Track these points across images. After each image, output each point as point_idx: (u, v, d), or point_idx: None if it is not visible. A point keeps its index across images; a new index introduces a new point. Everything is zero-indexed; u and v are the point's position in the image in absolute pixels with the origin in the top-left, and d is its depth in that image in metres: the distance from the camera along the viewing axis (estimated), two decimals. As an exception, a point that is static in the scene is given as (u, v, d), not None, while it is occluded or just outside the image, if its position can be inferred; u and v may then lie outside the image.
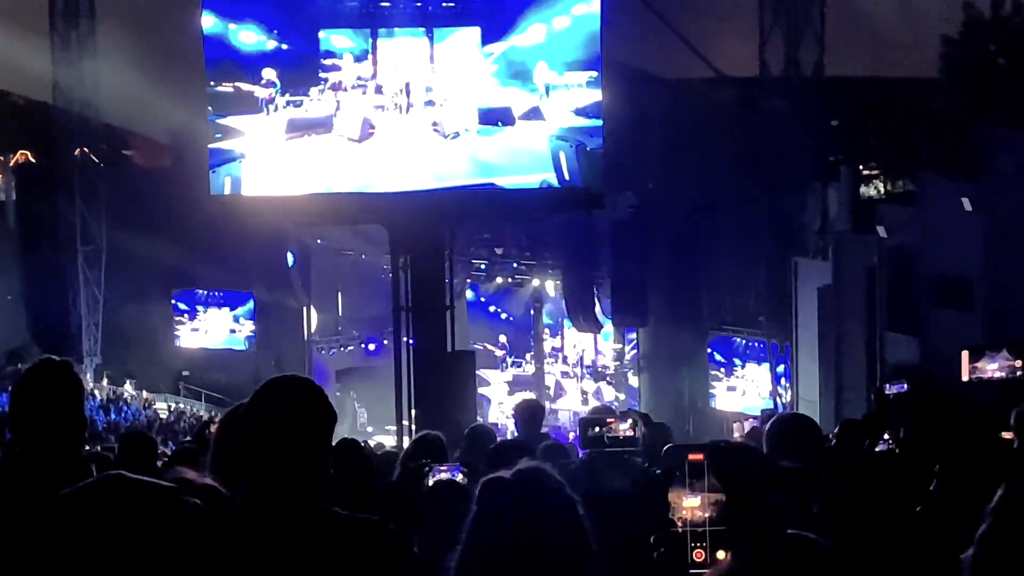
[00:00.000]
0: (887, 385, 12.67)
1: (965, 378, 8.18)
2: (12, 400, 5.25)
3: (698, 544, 3.46)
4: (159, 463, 10.39)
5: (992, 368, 7.97)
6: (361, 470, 9.57)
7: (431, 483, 8.41)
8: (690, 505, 3.48)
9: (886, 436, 10.95)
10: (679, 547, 3.44)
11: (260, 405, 4.19)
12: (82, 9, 39.49)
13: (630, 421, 7.56)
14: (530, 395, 30.93)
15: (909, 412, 11.45)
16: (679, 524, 3.47)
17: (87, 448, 13.21)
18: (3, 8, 36.76)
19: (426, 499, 8.35)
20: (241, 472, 4.19)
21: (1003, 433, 8.89)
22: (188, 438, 20.42)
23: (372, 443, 26.40)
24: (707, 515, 3.46)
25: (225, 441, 5.37)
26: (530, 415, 12.06)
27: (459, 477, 8.30)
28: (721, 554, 3.45)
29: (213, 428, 11.29)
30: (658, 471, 8.42)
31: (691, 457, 3.53)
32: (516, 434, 12.92)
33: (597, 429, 7.59)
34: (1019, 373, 8.11)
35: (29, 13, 39.13)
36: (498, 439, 11.50)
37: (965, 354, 8.00)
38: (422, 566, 4.57)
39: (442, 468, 8.57)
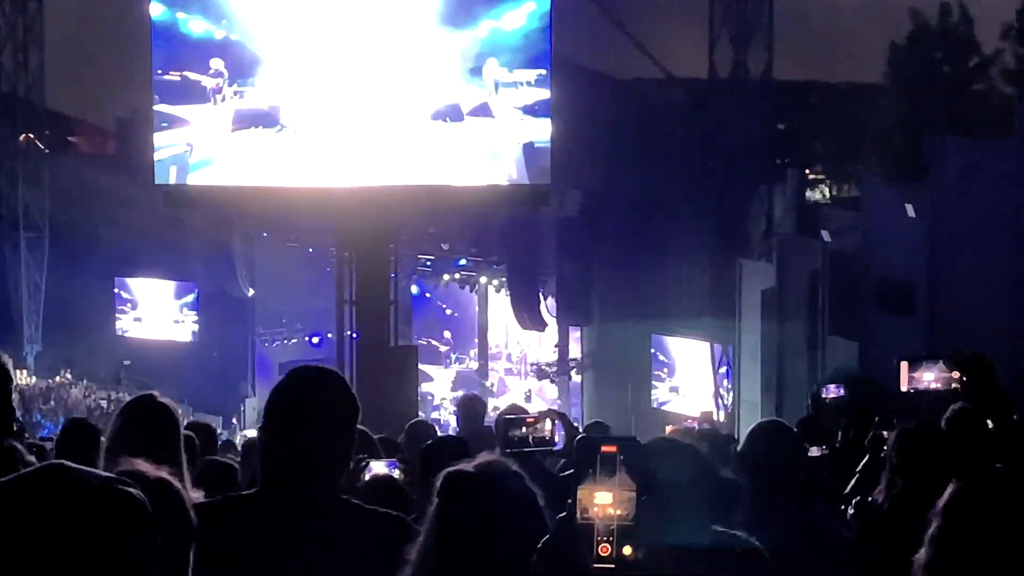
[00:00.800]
0: (823, 389, 12.79)
1: (904, 388, 8.27)
2: None
3: (605, 539, 3.46)
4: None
5: (929, 379, 8.05)
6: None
7: (367, 478, 8.39)
8: (601, 501, 3.48)
9: (839, 437, 11.07)
10: (586, 539, 3.45)
11: (284, 394, 4.19)
12: (27, -7, 39.22)
13: (548, 421, 7.56)
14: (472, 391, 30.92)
15: (845, 416, 11.56)
16: (588, 518, 3.48)
17: (24, 438, 13.07)
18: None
19: (362, 494, 8.34)
20: (263, 459, 4.20)
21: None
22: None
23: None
24: (618, 511, 3.46)
25: (127, 428, 5.35)
26: (471, 410, 12.05)
27: (396, 472, 8.28)
28: (628, 550, 3.45)
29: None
30: (567, 473, 8.43)
31: (604, 449, 3.52)
32: (458, 429, 12.90)
33: (523, 430, 7.57)
34: (955, 385, 8.20)
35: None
36: (439, 434, 11.49)
37: (904, 364, 8.08)
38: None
39: (379, 463, 8.56)
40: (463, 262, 41.86)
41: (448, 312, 44.80)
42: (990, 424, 7.13)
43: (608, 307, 35.95)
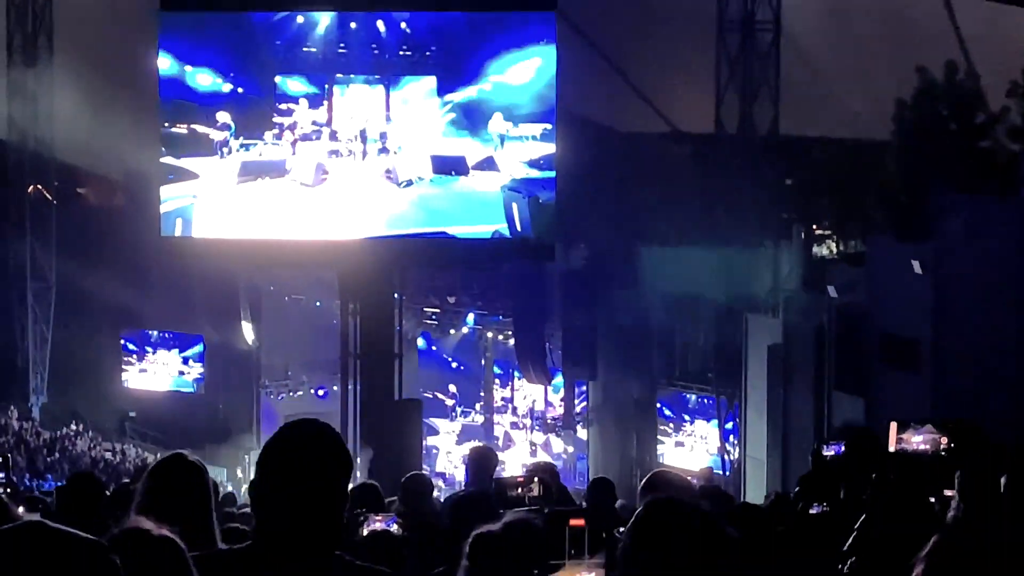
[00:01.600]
0: (824, 446, 12.73)
1: (891, 448, 8.25)
2: None
3: None
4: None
5: (917, 441, 8.03)
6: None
7: (366, 532, 8.37)
8: None
9: (823, 505, 11.00)
10: None
11: (274, 450, 4.15)
12: (39, 46, 39.40)
13: (536, 480, 7.54)
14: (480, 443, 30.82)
15: (846, 474, 11.49)
16: None
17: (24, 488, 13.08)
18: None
19: (360, 548, 8.31)
20: (256, 514, 4.16)
21: (945, 491, 8.91)
22: (127, 480, 20.16)
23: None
24: None
25: (156, 491, 5.34)
26: (482, 462, 11.97)
27: (394, 528, 8.26)
28: None
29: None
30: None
31: (572, 523, 3.49)
32: (464, 482, 12.83)
33: (518, 491, 7.55)
34: (943, 449, 8.18)
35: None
36: (443, 488, 11.46)
37: (893, 425, 8.08)
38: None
39: (377, 518, 8.54)
40: (471, 318, 41.86)
41: (454, 365, 44.69)
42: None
43: (614, 361, 35.88)
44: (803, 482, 12.55)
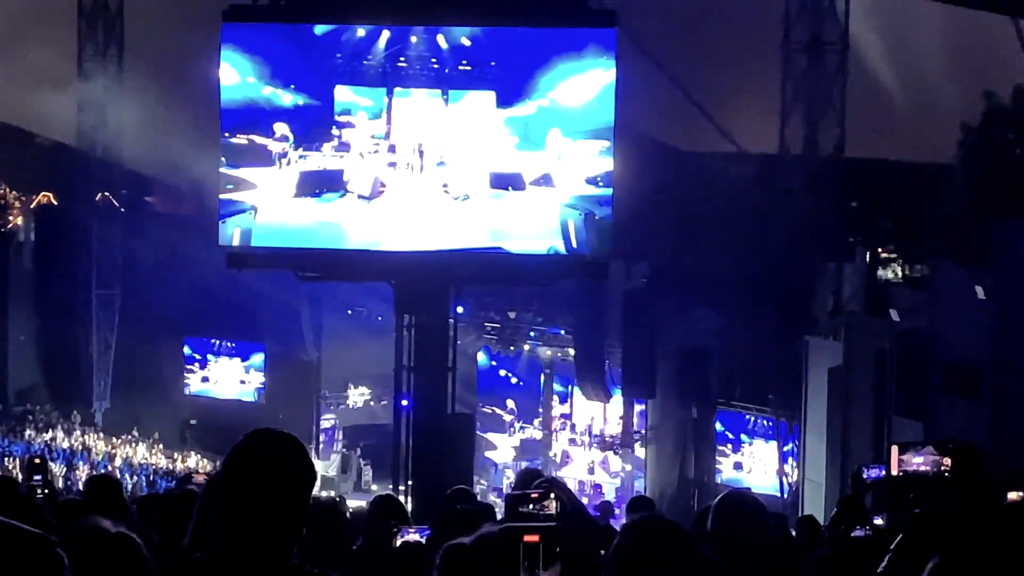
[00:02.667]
0: (864, 468, 12.59)
1: (894, 472, 8.18)
2: None
3: None
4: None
5: (918, 462, 7.94)
6: (336, 529, 9.53)
7: (399, 544, 8.36)
8: None
9: (877, 520, 10.88)
10: None
11: (241, 458, 4.14)
12: (108, 55, 39.85)
13: (552, 496, 7.45)
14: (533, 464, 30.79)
15: (889, 497, 11.37)
16: None
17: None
18: (32, 53, 37.07)
19: (392, 559, 8.30)
20: (215, 524, 4.14)
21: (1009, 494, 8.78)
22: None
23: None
24: None
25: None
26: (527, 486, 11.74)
27: (426, 540, 8.24)
28: None
29: (196, 477, 11.26)
30: None
31: (527, 539, 3.42)
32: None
33: (529, 507, 7.47)
34: (944, 470, 8.10)
35: (57, 58, 39.46)
36: (499, 504, 11.40)
37: (895, 448, 8.00)
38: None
39: (411, 530, 8.53)
40: (532, 334, 41.83)
41: (514, 381, 44.65)
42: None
43: (673, 381, 35.71)
44: (842, 504, 12.44)
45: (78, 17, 40.02)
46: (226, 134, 25.05)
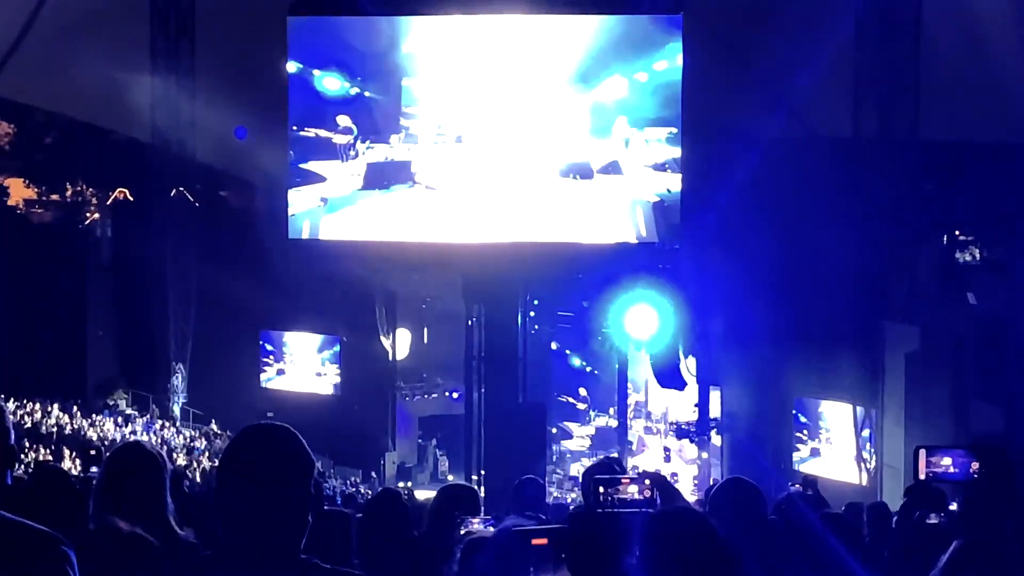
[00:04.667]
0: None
1: (922, 476, 8.05)
2: None
3: None
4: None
5: (947, 464, 7.78)
6: (398, 520, 9.53)
7: (463, 533, 8.33)
8: None
9: (952, 506, 10.74)
10: None
11: (237, 453, 4.15)
12: (181, 51, 40.15)
13: (647, 483, 7.28)
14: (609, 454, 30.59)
15: (963, 485, 11.20)
16: None
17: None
18: (106, 50, 37.39)
19: (458, 551, 8.26)
20: (218, 519, 4.13)
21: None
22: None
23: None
24: None
25: (114, 475, 5.43)
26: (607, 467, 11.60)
27: (491, 530, 8.19)
28: None
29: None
30: None
31: (535, 542, 3.36)
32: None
33: (614, 489, 7.35)
34: (973, 473, 7.95)
35: (131, 53, 39.81)
36: (577, 494, 11.33)
37: (922, 452, 7.85)
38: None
39: (474, 521, 8.50)
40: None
41: (588, 369, 44.60)
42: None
43: (748, 368, 35.49)
44: (910, 491, 12.28)
45: (150, 12, 40.36)
46: (294, 127, 25.16)
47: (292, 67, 25.15)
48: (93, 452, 10.98)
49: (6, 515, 2.99)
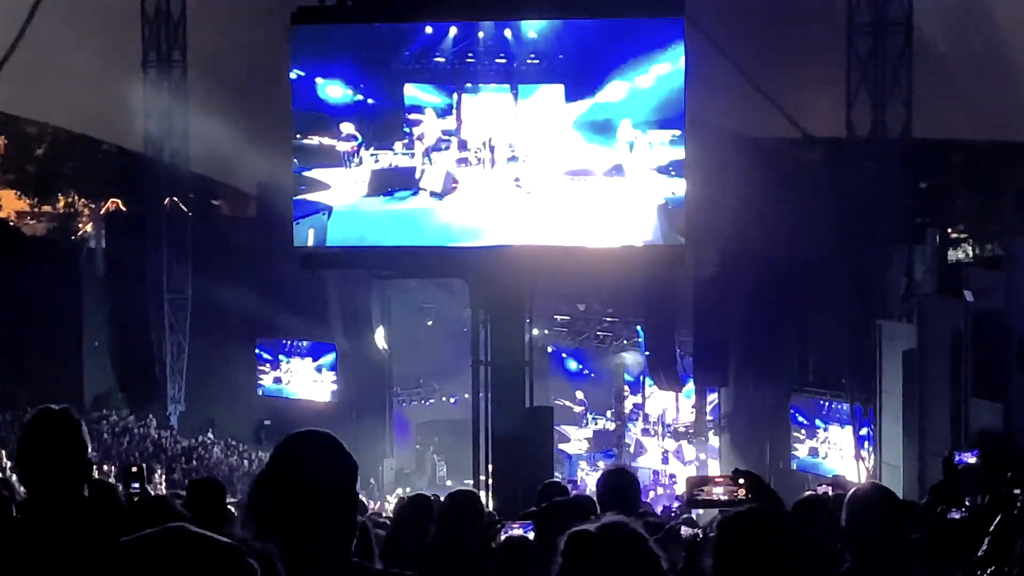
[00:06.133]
0: (956, 454, 12.57)
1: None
2: (19, 448, 5.49)
3: None
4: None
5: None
6: (425, 524, 9.58)
7: (503, 539, 8.39)
8: None
9: (967, 502, 10.87)
10: None
11: (285, 461, 4.18)
12: (174, 60, 40.14)
13: (741, 482, 7.32)
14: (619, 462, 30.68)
15: (981, 482, 11.36)
16: None
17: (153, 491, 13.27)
18: (97, 58, 37.34)
19: (496, 554, 8.32)
20: (269, 528, 4.09)
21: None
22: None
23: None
24: None
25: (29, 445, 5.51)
26: (618, 487, 11.27)
27: (531, 535, 8.26)
28: None
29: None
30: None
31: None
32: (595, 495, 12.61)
33: (713, 489, 7.42)
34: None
35: (122, 63, 39.76)
36: (573, 494, 11.31)
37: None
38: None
39: (515, 525, 8.56)
40: (603, 325, 41.75)
41: (585, 372, 44.69)
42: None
43: (746, 367, 35.64)
44: (934, 491, 12.39)
45: (141, 23, 40.32)
46: (297, 135, 25.16)
47: (294, 75, 25.15)
48: (135, 469, 11.06)
49: (192, 528, 3.05)
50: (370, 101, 24.98)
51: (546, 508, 9.00)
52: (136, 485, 10.61)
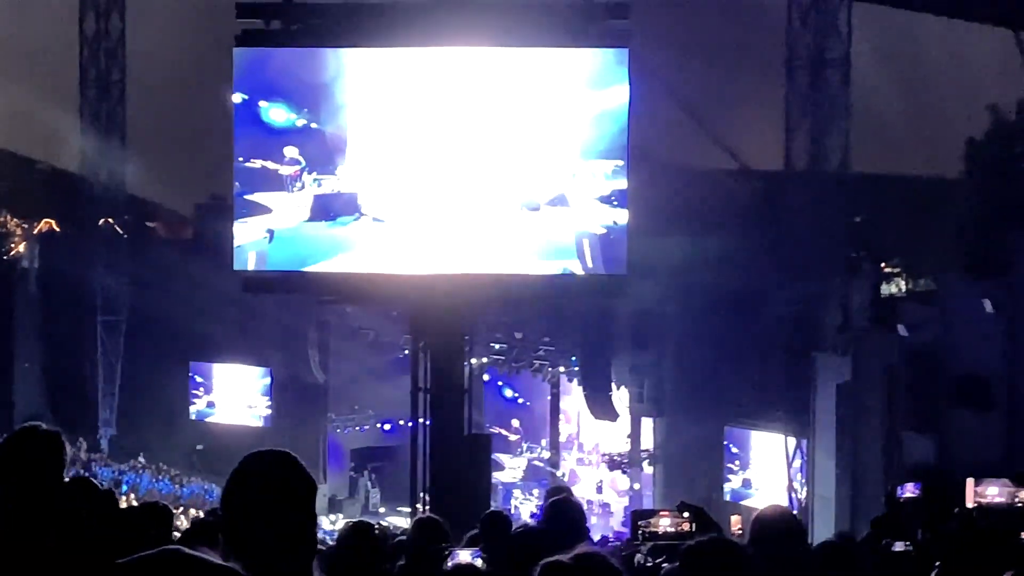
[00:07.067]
0: (899, 488, 12.70)
1: (969, 504, 8.26)
2: None
3: None
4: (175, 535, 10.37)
5: (993, 493, 7.99)
6: (372, 554, 9.55)
7: (451, 565, 8.39)
8: None
9: (907, 544, 10.97)
10: None
11: (243, 481, 4.14)
12: (112, 81, 39.92)
13: (686, 516, 7.40)
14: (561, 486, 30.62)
15: (922, 516, 11.48)
16: None
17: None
18: (34, 78, 37.14)
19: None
20: (230, 551, 4.07)
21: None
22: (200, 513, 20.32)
23: (384, 524, 26.35)
24: None
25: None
26: (561, 512, 11.29)
27: (478, 562, 8.27)
28: None
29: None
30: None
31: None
32: (532, 523, 12.63)
33: (654, 521, 7.48)
34: (1018, 502, 8.15)
35: (60, 83, 39.54)
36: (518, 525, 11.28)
37: (970, 481, 8.07)
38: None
39: (461, 551, 8.56)
40: (539, 354, 41.77)
41: (520, 401, 44.69)
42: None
43: (681, 398, 35.80)
44: (877, 523, 12.48)
45: (80, 43, 40.09)
46: (239, 158, 25.01)
47: (238, 98, 25.01)
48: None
49: (187, 551, 3.04)
50: (314, 125, 24.86)
51: (498, 537, 9.00)
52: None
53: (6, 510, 5.35)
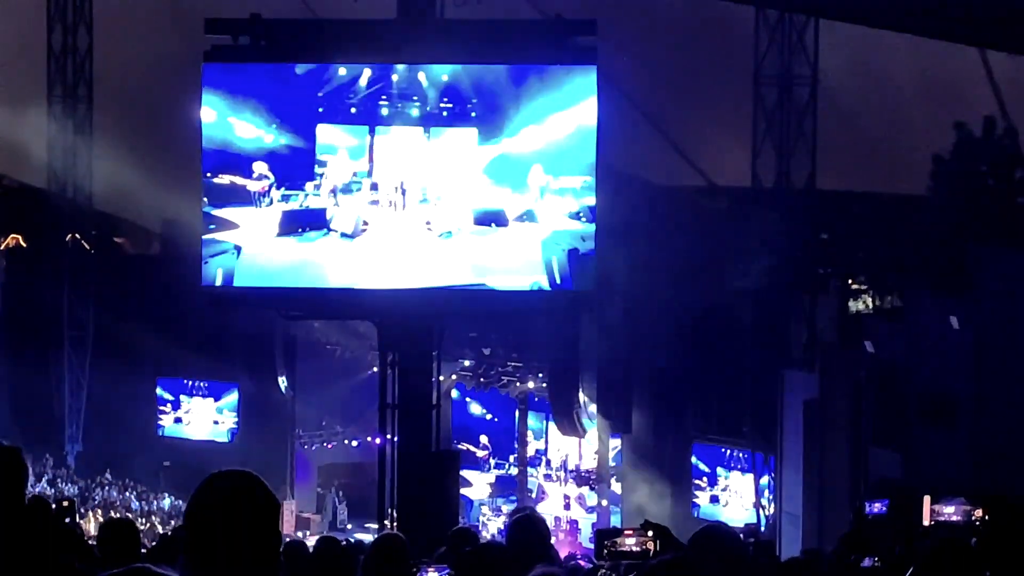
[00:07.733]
0: (867, 504, 12.76)
1: (926, 522, 8.33)
2: None
3: None
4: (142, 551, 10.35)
5: (949, 512, 8.05)
6: (339, 571, 9.53)
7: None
8: None
9: (875, 560, 11.01)
10: None
11: (206, 501, 4.10)
12: (79, 96, 39.80)
13: (650, 535, 7.43)
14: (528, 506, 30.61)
15: (890, 532, 11.53)
16: None
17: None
18: (1, 92, 36.97)
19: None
20: (192, 570, 4.06)
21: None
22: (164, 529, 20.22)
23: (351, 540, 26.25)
24: None
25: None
26: (528, 533, 11.15)
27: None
28: None
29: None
30: None
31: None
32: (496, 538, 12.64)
33: (618, 540, 7.49)
34: (976, 521, 8.21)
35: (27, 98, 39.37)
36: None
37: (927, 499, 8.12)
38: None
39: (430, 569, 8.57)
40: (507, 370, 41.68)
41: (488, 417, 44.60)
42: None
43: (649, 415, 35.79)
44: (846, 540, 12.54)
45: (47, 58, 39.97)
46: (208, 174, 24.98)
47: (207, 113, 24.99)
48: (66, 504, 11.05)
49: (155, 568, 3.02)
50: (283, 141, 24.87)
51: (464, 554, 8.97)
52: (68, 519, 10.69)
53: None
